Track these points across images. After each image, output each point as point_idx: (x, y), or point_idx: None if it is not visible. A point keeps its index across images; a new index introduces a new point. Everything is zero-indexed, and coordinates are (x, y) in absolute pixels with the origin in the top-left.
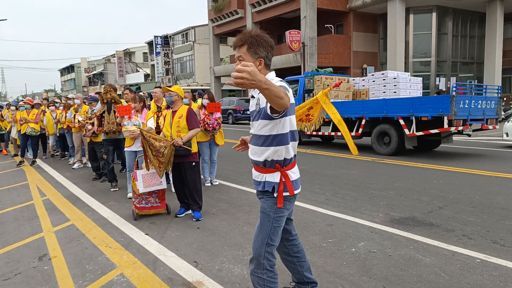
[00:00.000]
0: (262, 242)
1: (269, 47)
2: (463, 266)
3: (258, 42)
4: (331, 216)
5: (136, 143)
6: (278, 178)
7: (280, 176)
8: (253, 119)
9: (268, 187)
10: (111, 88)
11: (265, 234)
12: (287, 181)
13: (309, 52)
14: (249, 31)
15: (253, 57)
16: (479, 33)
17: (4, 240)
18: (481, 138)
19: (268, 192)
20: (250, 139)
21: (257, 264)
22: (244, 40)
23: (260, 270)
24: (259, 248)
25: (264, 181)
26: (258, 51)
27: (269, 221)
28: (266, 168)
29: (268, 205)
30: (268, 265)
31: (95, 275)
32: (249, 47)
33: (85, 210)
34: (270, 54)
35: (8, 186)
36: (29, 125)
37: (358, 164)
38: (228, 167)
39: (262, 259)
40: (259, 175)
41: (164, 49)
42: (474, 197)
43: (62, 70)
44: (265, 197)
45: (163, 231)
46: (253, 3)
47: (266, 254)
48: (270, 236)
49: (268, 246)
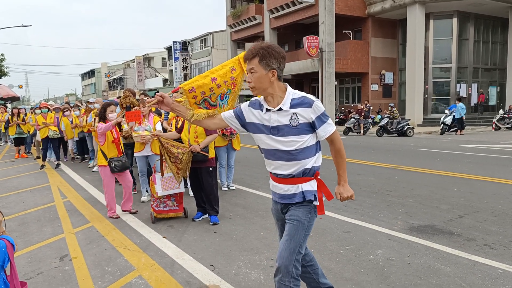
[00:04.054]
0: (294, 251)
1: (281, 57)
2: (485, 276)
3: (270, 54)
4: (349, 222)
5: (147, 148)
6: (316, 186)
7: (317, 183)
8: (281, 134)
9: (309, 196)
10: (130, 93)
11: (297, 242)
12: (324, 187)
13: (327, 58)
14: (259, 43)
15: (265, 69)
16: (502, 39)
17: (27, 240)
18: (504, 146)
19: (305, 202)
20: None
21: (286, 272)
22: (256, 52)
23: (288, 279)
24: (289, 256)
25: (301, 192)
26: (270, 62)
27: (303, 230)
28: (303, 178)
29: (303, 213)
30: (295, 273)
31: (114, 277)
32: (261, 59)
33: (104, 212)
34: (282, 65)
35: (30, 188)
36: (51, 128)
37: (376, 170)
38: (245, 172)
39: (291, 267)
40: (293, 187)
41: (182, 55)
42: (496, 206)
43: (83, 75)
44: (299, 206)
45: (181, 235)
46: (271, 9)
47: (296, 262)
48: (301, 245)
49: (298, 255)
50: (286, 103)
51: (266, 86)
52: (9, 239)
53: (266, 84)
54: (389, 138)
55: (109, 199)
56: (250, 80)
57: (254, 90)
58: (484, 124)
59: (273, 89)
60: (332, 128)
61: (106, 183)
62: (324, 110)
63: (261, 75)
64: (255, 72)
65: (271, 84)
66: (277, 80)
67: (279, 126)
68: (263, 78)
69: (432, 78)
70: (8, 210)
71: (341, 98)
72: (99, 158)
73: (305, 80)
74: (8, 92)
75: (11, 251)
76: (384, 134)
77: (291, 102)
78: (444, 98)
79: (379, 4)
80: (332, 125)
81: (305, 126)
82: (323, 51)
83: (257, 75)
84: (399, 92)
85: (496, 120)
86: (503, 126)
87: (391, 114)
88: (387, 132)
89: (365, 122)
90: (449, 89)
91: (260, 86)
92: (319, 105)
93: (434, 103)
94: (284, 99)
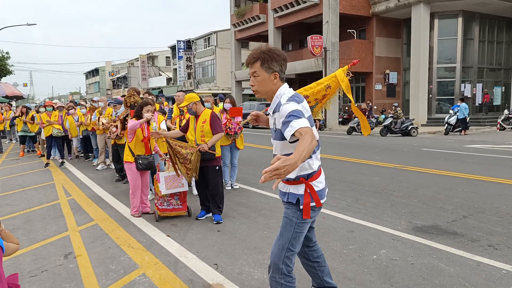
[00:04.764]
0: (283, 247)
1: (282, 60)
2: (489, 277)
3: (271, 57)
4: (352, 222)
5: None
6: (303, 190)
7: (305, 188)
8: (273, 138)
9: (291, 199)
10: (135, 91)
11: (286, 239)
12: (313, 193)
13: (330, 57)
14: (260, 47)
15: (268, 72)
16: (507, 39)
17: (31, 237)
18: (508, 146)
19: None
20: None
21: (276, 268)
22: (257, 56)
23: (278, 275)
24: (278, 252)
25: (288, 193)
26: (272, 65)
27: (292, 227)
28: (291, 181)
29: (292, 211)
30: (286, 270)
31: (118, 275)
32: (263, 63)
33: (108, 210)
34: (283, 67)
35: (35, 186)
36: (54, 126)
37: (380, 170)
38: (248, 171)
39: (280, 263)
40: (284, 186)
41: (186, 54)
42: (500, 206)
43: (87, 74)
44: (290, 205)
45: (184, 233)
46: (275, 8)
47: (285, 259)
48: (291, 242)
49: (288, 252)
50: (272, 107)
51: (269, 88)
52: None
53: (268, 86)
54: (393, 138)
55: (133, 197)
56: (253, 84)
57: (257, 93)
58: (489, 124)
59: (275, 92)
60: (293, 127)
61: (131, 179)
62: (292, 110)
63: (264, 78)
64: (257, 76)
65: (274, 87)
66: (279, 82)
67: (273, 129)
68: (266, 81)
69: (436, 78)
70: (13, 208)
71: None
72: (126, 154)
73: (309, 79)
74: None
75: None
76: (388, 134)
77: (275, 106)
78: (448, 98)
79: (384, 3)
80: (295, 122)
81: (279, 131)
82: (327, 50)
83: (259, 78)
84: (403, 91)
85: (501, 120)
86: (507, 126)
87: (395, 113)
88: (391, 132)
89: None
90: (453, 89)
91: (262, 89)
92: (284, 108)
93: (438, 103)
94: (272, 103)
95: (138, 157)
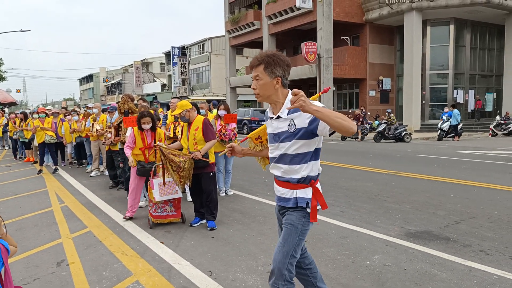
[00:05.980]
0: (287, 254)
1: (285, 65)
2: (480, 282)
3: (275, 62)
4: (346, 228)
5: None
6: (311, 194)
7: (312, 191)
8: (281, 140)
9: (301, 203)
10: (129, 98)
11: (291, 246)
12: (319, 196)
13: (324, 64)
14: (265, 51)
15: (270, 76)
16: (498, 46)
17: (24, 245)
18: (500, 152)
19: (300, 208)
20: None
21: (279, 275)
22: (261, 60)
23: (281, 282)
24: (282, 259)
25: (295, 197)
26: (275, 70)
27: (296, 234)
28: (299, 184)
29: (297, 217)
30: (289, 276)
31: (111, 282)
32: (266, 67)
33: (102, 217)
34: (286, 73)
35: (28, 193)
36: (47, 133)
37: (373, 176)
38: (242, 178)
39: (284, 270)
40: (288, 191)
41: (181, 60)
42: (492, 212)
43: (81, 80)
44: (294, 211)
45: (178, 240)
46: (269, 15)
47: (289, 266)
48: (295, 249)
49: (292, 258)
50: (285, 111)
51: (270, 93)
52: (3, 243)
53: (270, 91)
54: (387, 144)
55: (131, 199)
56: (255, 87)
57: (259, 97)
58: (481, 130)
59: (277, 97)
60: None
61: (132, 180)
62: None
63: (266, 82)
64: (260, 79)
65: (275, 91)
66: (281, 87)
67: (279, 132)
68: (268, 85)
69: (429, 84)
70: (5, 215)
71: (338, 104)
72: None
73: (303, 85)
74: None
75: (5, 255)
76: (381, 139)
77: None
78: (441, 104)
79: (377, 10)
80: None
81: (300, 131)
82: (321, 57)
83: (262, 82)
84: (397, 98)
85: (493, 126)
86: (499, 132)
87: (389, 120)
88: (384, 138)
89: (362, 127)
90: (446, 95)
91: (264, 93)
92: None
93: (432, 109)
94: (283, 106)
95: (138, 163)
